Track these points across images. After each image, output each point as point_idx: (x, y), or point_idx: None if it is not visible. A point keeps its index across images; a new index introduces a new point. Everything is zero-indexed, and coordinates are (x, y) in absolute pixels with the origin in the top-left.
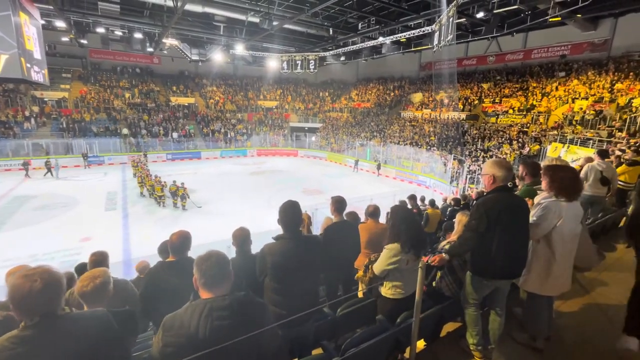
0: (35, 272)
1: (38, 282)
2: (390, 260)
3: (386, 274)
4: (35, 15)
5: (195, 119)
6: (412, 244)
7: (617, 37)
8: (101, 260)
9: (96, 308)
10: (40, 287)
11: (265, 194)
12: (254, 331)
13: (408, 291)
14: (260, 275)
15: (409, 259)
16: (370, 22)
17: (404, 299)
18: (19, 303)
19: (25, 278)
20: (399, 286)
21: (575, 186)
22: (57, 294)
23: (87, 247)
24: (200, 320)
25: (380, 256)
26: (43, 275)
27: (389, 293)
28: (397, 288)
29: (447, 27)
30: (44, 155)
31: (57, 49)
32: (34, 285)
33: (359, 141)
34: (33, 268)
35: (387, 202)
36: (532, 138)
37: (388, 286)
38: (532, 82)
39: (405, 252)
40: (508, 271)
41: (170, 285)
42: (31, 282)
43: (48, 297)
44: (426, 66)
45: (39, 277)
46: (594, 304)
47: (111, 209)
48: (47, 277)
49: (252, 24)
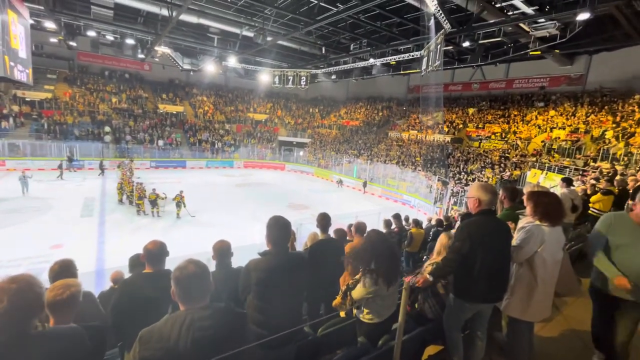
0: (6, 290)
1: (4, 302)
2: (368, 289)
3: (365, 301)
4: (25, 14)
5: (183, 128)
6: (379, 273)
7: (592, 73)
8: (64, 270)
9: (64, 321)
10: (4, 308)
11: (250, 206)
12: (235, 342)
13: (386, 314)
14: (243, 292)
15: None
16: (361, 43)
17: (383, 321)
18: None
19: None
20: (376, 310)
21: (559, 212)
22: (25, 315)
23: (57, 254)
24: (181, 332)
25: (358, 285)
26: (14, 294)
27: (367, 318)
28: (374, 312)
29: (435, 54)
30: (19, 157)
31: (44, 49)
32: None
33: (346, 158)
34: (8, 280)
35: (372, 220)
36: (513, 164)
37: (366, 311)
38: (514, 110)
39: (374, 283)
40: (490, 295)
41: (146, 297)
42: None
43: (15, 318)
44: (414, 89)
45: (6, 296)
46: (571, 330)
47: (87, 216)
48: (17, 298)
49: (246, 38)
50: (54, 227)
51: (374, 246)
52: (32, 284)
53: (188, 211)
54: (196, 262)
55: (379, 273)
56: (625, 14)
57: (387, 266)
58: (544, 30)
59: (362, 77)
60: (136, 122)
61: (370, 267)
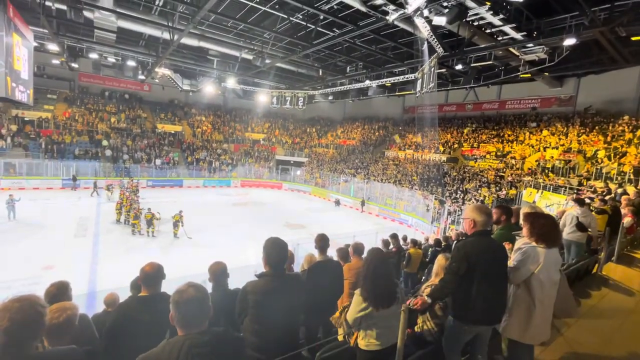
0: (9, 309)
1: (5, 321)
2: (360, 307)
3: (359, 322)
4: (29, 37)
5: (181, 147)
6: (376, 296)
7: (581, 95)
8: (61, 292)
9: (59, 345)
10: (3, 328)
11: (246, 226)
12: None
13: (384, 343)
14: (240, 314)
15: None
16: (357, 66)
17: (382, 350)
18: None
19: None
20: (373, 336)
21: (554, 234)
22: (27, 335)
23: (48, 276)
24: (179, 358)
25: (352, 303)
26: (16, 313)
27: (363, 344)
28: (371, 338)
29: (429, 76)
30: (14, 176)
31: (45, 70)
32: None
33: (343, 177)
34: (12, 300)
35: (369, 239)
36: (509, 183)
37: (361, 335)
38: (507, 130)
39: (367, 303)
40: (488, 317)
41: (141, 321)
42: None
43: (15, 338)
44: (409, 109)
45: (9, 315)
46: (572, 353)
47: (81, 236)
48: (18, 317)
49: (245, 60)
50: (47, 247)
51: (369, 265)
52: (34, 303)
53: (185, 232)
54: (196, 286)
55: (372, 292)
56: (610, 39)
57: (381, 286)
58: (533, 54)
59: (358, 97)
60: (134, 141)
61: (366, 286)
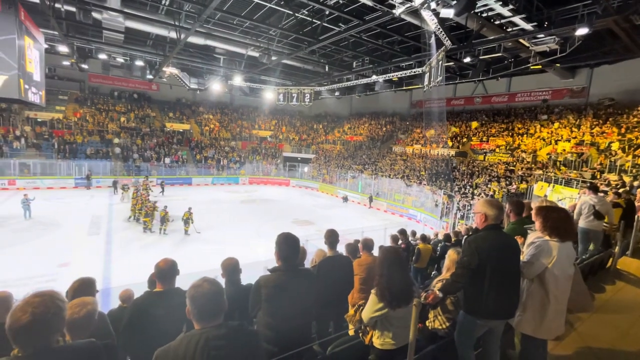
0: (31, 303)
1: (27, 315)
2: (376, 306)
3: (374, 322)
4: (40, 39)
5: (189, 145)
6: (392, 296)
7: (594, 86)
8: (85, 288)
9: (80, 339)
10: (26, 322)
11: (255, 223)
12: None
13: (399, 342)
14: (253, 308)
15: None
16: (364, 61)
17: (397, 349)
18: (10, 334)
19: (17, 310)
20: (389, 336)
21: (568, 227)
22: (48, 328)
23: (64, 273)
24: (196, 351)
25: (368, 302)
26: (37, 307)
27: (378, 343)
28: (387, 338)
29: (437, 70)
30: (29, 176)
31: (56, 72)
32: (22, 319)
33: (350, 173)
34: (33, 294)
35: (378, 235)
36: (519, 177)
37: (377, 335)
38: (517, 123)
39: (383, 303)
40: (501, 311)
41: (157, 316)
42: (21, 314)
43: (37, 332)
44: (417, 104)
45: (31, 309)
46: (586, 347)
47: (94, 234)
48: (39, 311)
49: (251, 57)
50: (61, 245)
51: (383, 263)
52: (55, 298)
53: (195, 228)
54: (211, 281)
55: (388, 291)
56: (624, 27)
57: (397, 285)
58: (544, 45)
59: (365, 93)
60: (143, 140)
61: (382, 285)
